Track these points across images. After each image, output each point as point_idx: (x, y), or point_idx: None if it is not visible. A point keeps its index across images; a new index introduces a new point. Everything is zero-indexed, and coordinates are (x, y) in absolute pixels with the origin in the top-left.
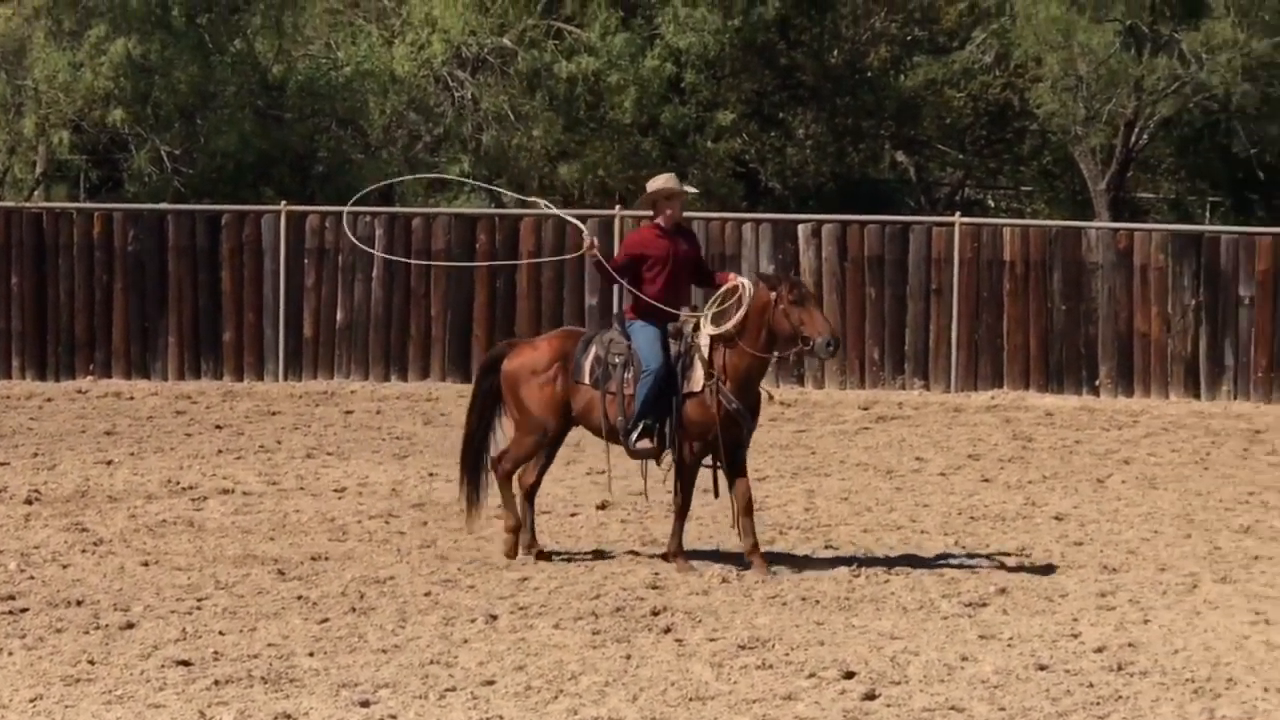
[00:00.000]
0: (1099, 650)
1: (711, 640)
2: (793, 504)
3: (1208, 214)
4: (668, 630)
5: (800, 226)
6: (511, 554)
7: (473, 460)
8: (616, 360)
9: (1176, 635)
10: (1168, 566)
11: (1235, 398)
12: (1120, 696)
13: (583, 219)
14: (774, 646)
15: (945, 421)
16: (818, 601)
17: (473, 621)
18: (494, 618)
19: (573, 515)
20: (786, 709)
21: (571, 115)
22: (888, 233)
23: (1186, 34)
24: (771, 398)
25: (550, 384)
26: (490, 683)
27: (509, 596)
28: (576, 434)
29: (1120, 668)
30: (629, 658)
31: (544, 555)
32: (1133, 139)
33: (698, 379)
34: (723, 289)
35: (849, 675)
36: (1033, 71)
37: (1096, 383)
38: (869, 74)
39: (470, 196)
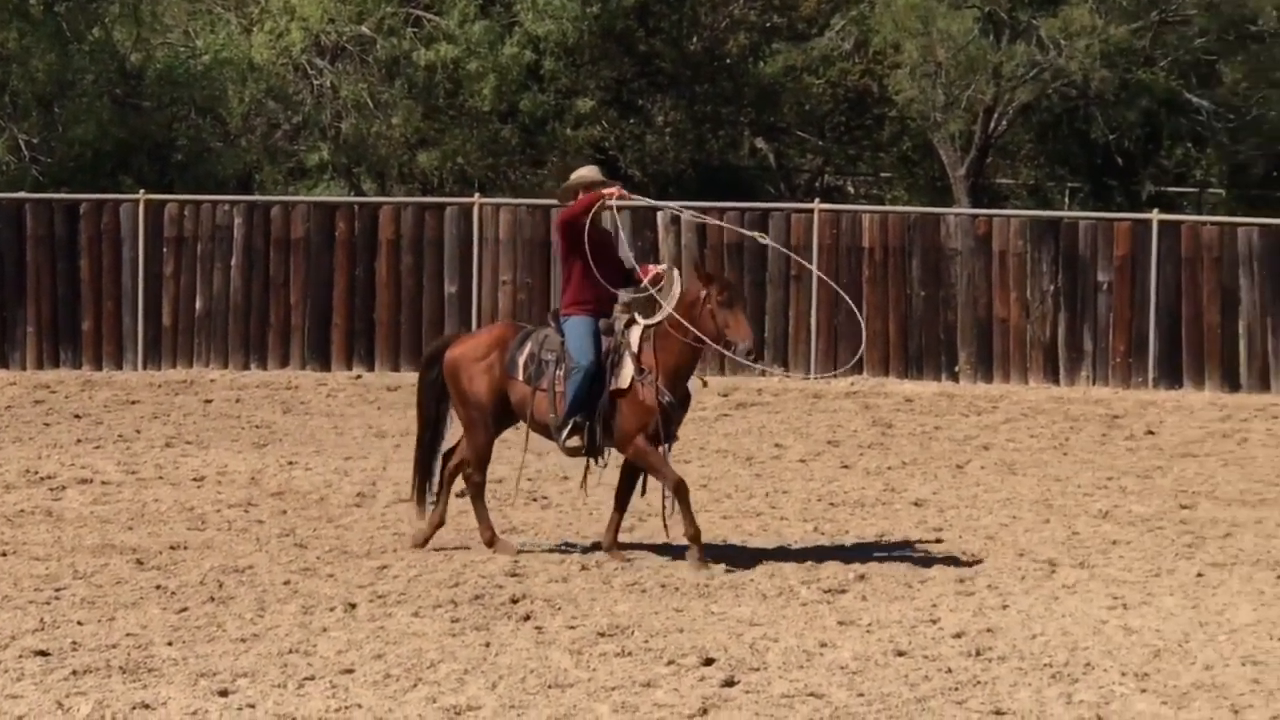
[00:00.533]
0: (957, 636)
1: (571, 628)
2: (653, 492)
3: (1067, 200)
4: (527, 618)
5: (659, 214)
6: (506, 552)
7: (424, 456)
8: (549, 357)
9: (1035, 620)
10: (1026, 552)
11: (1094, 383)
12: (979, 682)
13: (440, 208)
14: (633, 634)
15: (805, 408)
16: (677, 589)
17: (331, 610)
18: (353, 606)
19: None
20: (645, 696)
21: (430, 103)
22: (747, 220)
23: (1045, 20)
24: (705, 384)
25: (488, 373)
26: (349, 671)
27: (368, 585)
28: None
29: (979, 653)
30: (488, 645)
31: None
32: (992, 125)
33: (626, 375)
34: (650, 277)
35: (708, 662)
36: (892, 58)
37: (956, 368)
38: (728, 61)
39: (329, 184)
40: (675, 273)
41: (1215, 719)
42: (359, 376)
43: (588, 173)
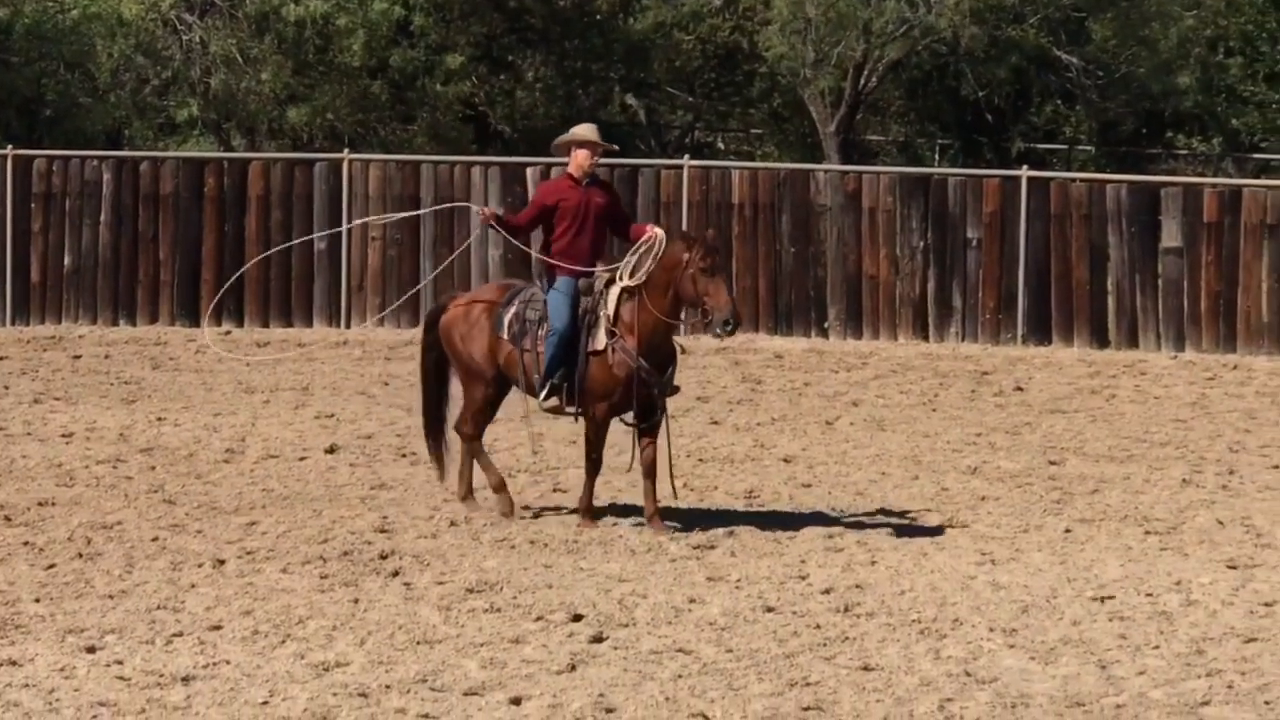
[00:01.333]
0: (826, 592)
1: (439, 584)
2: (521, 447)
3: (936, 156)
4: (396, 574)
5: (529, 169)
6: (509, 511)
7: (433, 418)
8: (532, 317)
9: (903, 576)
10: (895, 507)
11: (963, 339)
12: (847, 638)
13: (310, 163)
14: (502, 590)
15: None
16: (546, 545)
17: (200, 566)
18: (221, 562)
19: (301, 459)
20: (514, 652)
21: (300, 58)
22: (617, 176)
23: None
24: (683, 350)
25: (481, 332)
26: (217, 627)
27: (236, 541)
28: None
29: (847, 609)
30: (357, 602)
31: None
32: (862, 82)
33: (600, 338)
34: (639, 241)
35: (577, 618)
36: (762, 14)
37: (825, 325)
38: (598, 17)
39: (199, 140)
40: (661, 238)
41: (1082, 674)
42: (228, 332)
43: (582, 130)
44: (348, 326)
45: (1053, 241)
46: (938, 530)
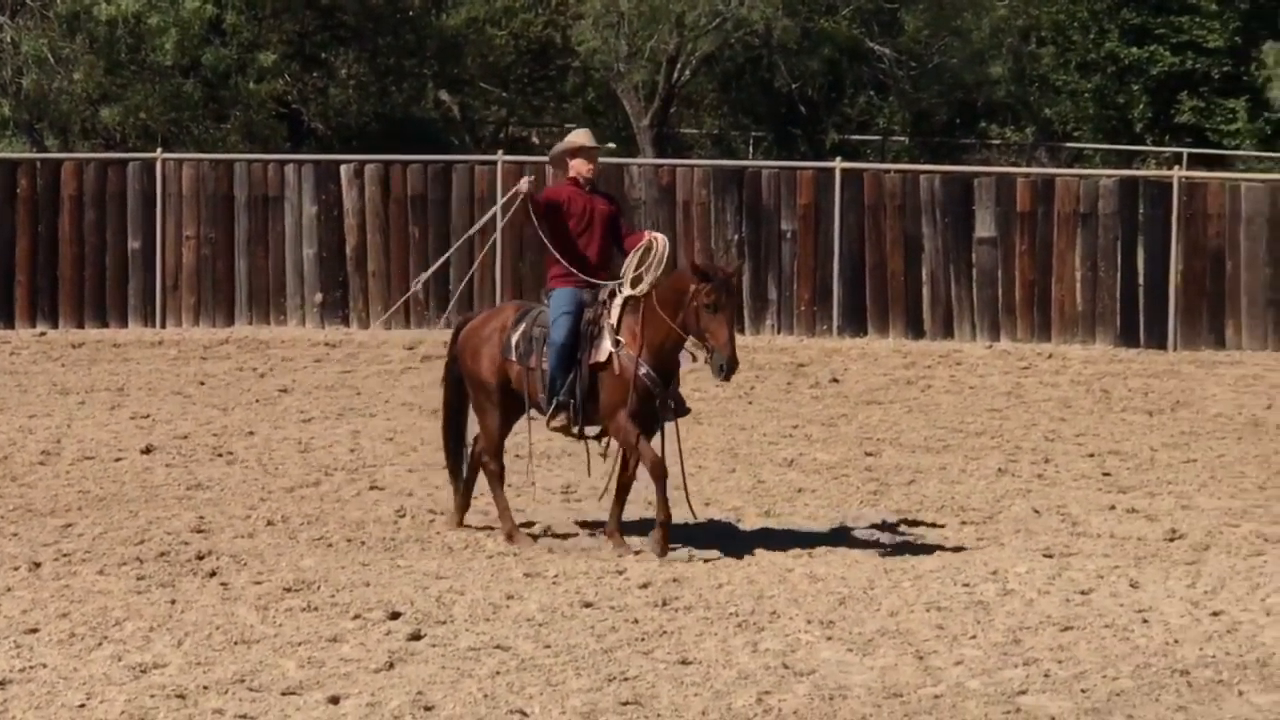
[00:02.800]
0: (644, 586)
1: (257, 583)
2: (338, 445)
3: (751, 149)
4: (213, 574)
5: (343, 167)
6: (523, 545)
7: (450, 437)
8: (537, 334)
9: (721, 570)
10: (712, 500)
11: (779, 331)
12: (665, 632)
13: (123, 163)
14: (319, 588)
15: None
16: (363, 543)
17: (16, 569)
18: (37, 565)
19: (117, 460)
20: (332, 651)
21: (112, 58)
22: (431, 172)
23: None
24: (695, 359)
25: (490, 353)
26: (33, 630)
27: (52, 544)
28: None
29: (665, 603)
30: (174, 602)
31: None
32: (675, 75)
33: (604, 348)
34: (638, 246)
35: (394, 616)
36: (574, 9)
37: None
38: (411, 13)
39: (11, 140)
40: (663, 243)
41: (900, 665)
42: (43, 334)
43: (578, 137)
44: (162, 326)
45: (867, 233)
46: (755, 523)
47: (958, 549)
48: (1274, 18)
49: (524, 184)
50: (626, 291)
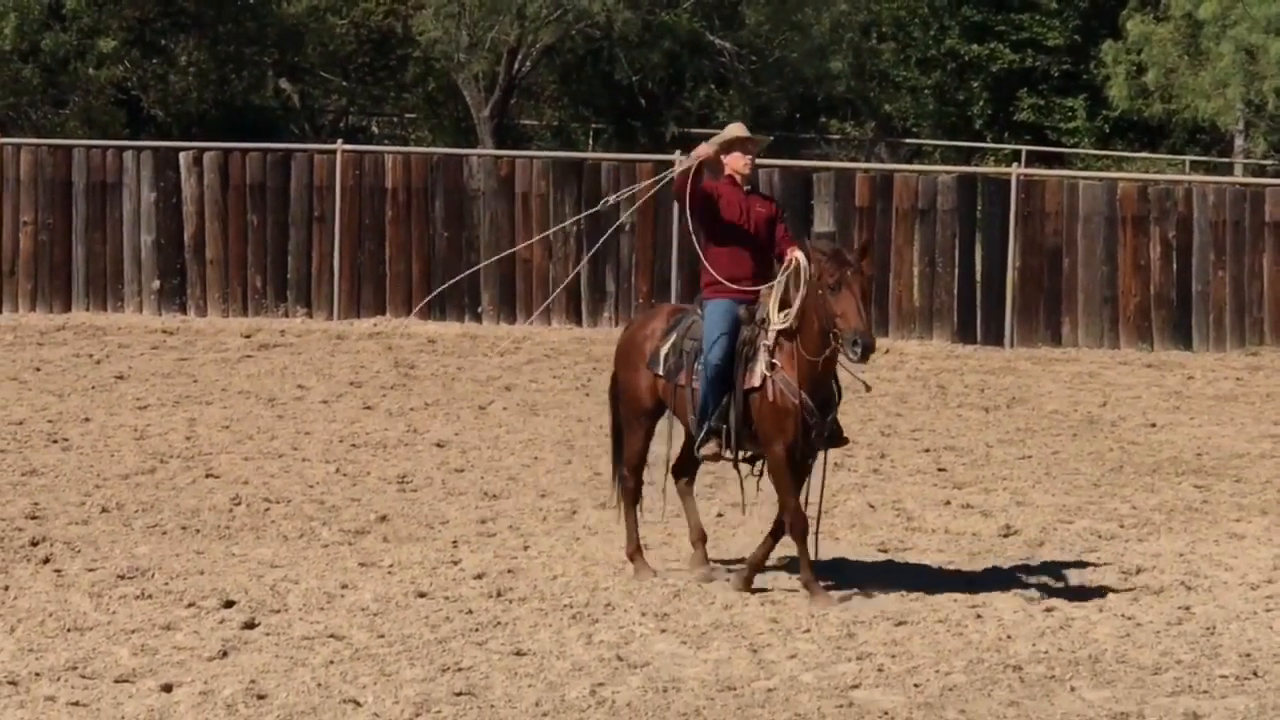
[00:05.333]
0: (479, 577)
1: (91, 570)
2: (174, 432)
3: (591, 141)
4: (46, 561)
5: (182, 154)
6: (645, 574)
7: (618, 450)
8: (689, 347)
9: (556, 561)
10: (548, 493)
11: (617, 324)
12: (499, 623)
13: None
14: (154, 576)
15: (328, 349)
16: (199, 530)
17: None
18: None
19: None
20: (165, 639)
21: None
22: (270, 161)
23: None
24: (868, 388)
25: (640, 364)
26: None
27: None
28: None
29: (500, 594)
30: (6, 589)
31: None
32: (516, 66)
33: (758, 372)
34: (784, 269)
35: (229, 604)
36: None
37: (479, 309)
38: (251, 1)
39: None
40: (804, 263)
41: (734, 658)
42: None
43: (734, 130)
44: None
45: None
46: (590, 515)
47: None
48: (1113, 16)
49: (705, 149)
50: (776, 325)
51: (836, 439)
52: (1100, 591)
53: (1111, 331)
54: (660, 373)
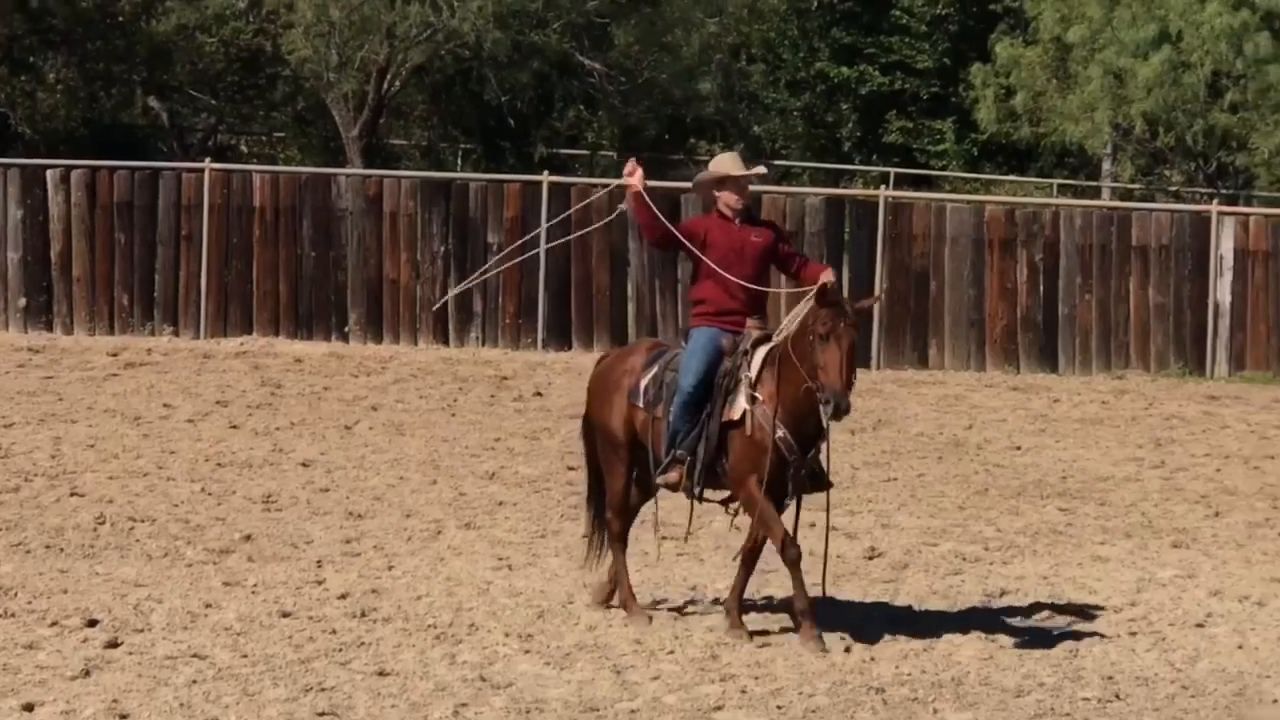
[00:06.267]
0: (343, 597)
1: None
2: (39, 450)
3: (459, 161)
4: None
5: (49, 172)
6: (640, 620)
7: (597, 495)
8: (669, 379)
9: (420, 581)
10: (413, 513)
11: (484, 344)
12: (363, 643)
13: None
14: (16, 595)
15: (195, 368)
16: (62, 549)
17: None
18: None
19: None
20: (27, 658)
21: None
22: (138, 179)
23: None
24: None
25: (618, 399)
26: None
27: None
28: None
29: (364, 614)
30: None
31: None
32: (385, 86)
33: (739, 405)
34: (809, 294)
35: (92, 623)
36: (285, 18)
37: (346, 329)
38: (120, 19)
39: None
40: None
41: (597, 679)
42: None
43: (724, 163)
44: None
45: (573, 246)
46: (456, 535)
47: (657, 564)
48: (982, 40)
49: (634, 175)
50: (775, 339)
51: (819, 481)
52: (964, 614)
53: (978, 354)
54: (640, 405)
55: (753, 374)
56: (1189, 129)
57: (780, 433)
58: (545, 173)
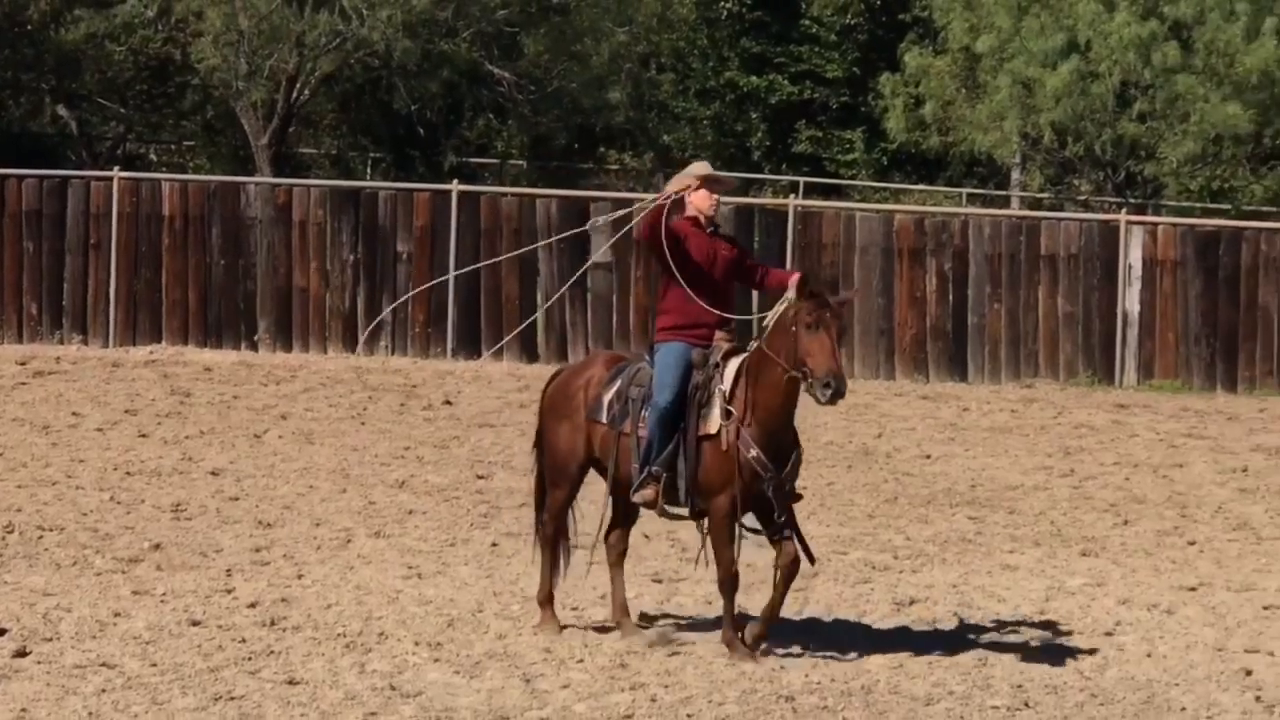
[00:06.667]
0: (252, 605)
1: None
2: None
3: (369, 170)
4: None
5: None
6: (550, 627)
7: (541, 501)
8: (635, 394)
9: (330, 590)
10: (323, 521)
11: (393, 353)
12: (273, 651)
13: None
14: None
15: (104, 376)
16: None
17: None
18: None
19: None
20: None
21: None
22: (46, 187)
23: None
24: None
25: (573, 415)
26: None
27: None
28: None
29: (273, 623)
30: None
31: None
32: (295, 94)
33: (714, 419)
34: (783, 300)
35: (0, 632)
36: (195, 26)
37: (255, 338)
38: (29, 27)
39: None
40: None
41: (507, 687)
42: None
43: (698, 168)
44: None
45: (483, 256)
46: (365, 544)
47: (568, 573)
48: (891, 49)
49: (672, 187)
50: (749, 350)
51: (792, 493)
52: (873, 622)
53: (887, 363)
54: (604, 420)
55: (726, 386)
56: (1097, 138)
57: (754, 452)
58: (454, 181)
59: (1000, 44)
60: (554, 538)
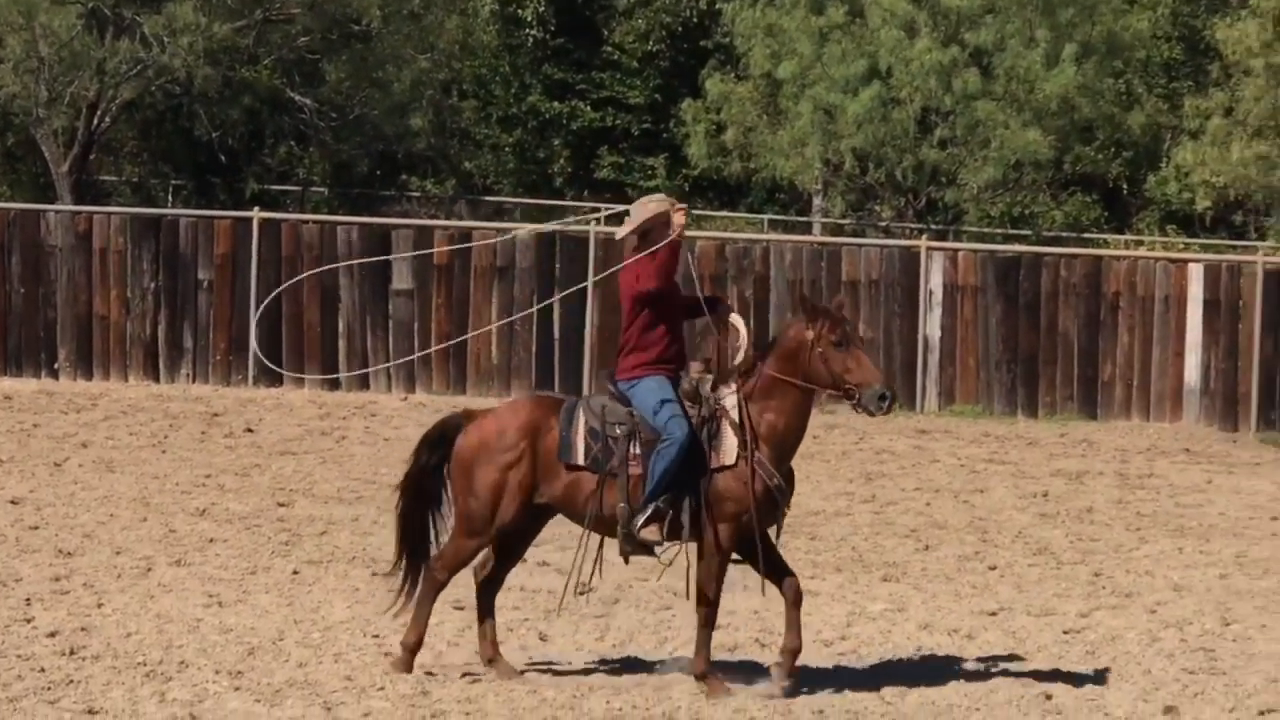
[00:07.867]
0: (51, 635)
1: None
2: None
3: (170, 197)
4: None
5: None
6: (403, 669)
7: (412, 557)
8: (618, 432)
9: (130, 619)
10: (123, 550)
11: (194, 380)
12: (72, 681)
13: None
14: None
15: None
16: None
17: None
18: None
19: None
20: None
21: None
22: None
23: (149, 17)
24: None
25: (513, 466)
26: None
27: None
28: None
29: (73, 652)
30: None
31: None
32: (96, 122)
33: (730, 449)
34: (727, 332)
35: None
36: None
37: (56, 365)
38: None
39: None
40: (739, 323)
41: (308, 716)
42: None
43: (657, 205)
44: None
45: (283, 282)
46: (166, 572)
47: (368, 600)
48: (693, 76)
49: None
50: (737, 379)
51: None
52: (675, 650)
53: None
54: (580, 462)
55: (736, 417)
56: (899, 164)
57: (775, 480)
58: (256, 209)
59: (802, 70)
60: (442, 586)
